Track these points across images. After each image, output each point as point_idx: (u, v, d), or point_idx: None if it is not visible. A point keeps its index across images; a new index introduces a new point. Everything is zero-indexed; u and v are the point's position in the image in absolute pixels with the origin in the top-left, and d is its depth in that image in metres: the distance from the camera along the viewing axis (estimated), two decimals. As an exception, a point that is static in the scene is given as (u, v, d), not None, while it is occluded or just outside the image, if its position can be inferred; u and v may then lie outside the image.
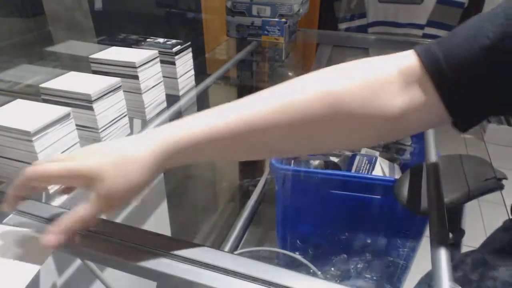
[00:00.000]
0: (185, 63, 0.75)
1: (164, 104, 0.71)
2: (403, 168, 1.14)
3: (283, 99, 0.37)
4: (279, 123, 0.36)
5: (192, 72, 0.78)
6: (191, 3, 1.20)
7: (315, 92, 0.36)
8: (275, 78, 1.41)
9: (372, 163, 1.09)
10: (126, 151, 0.37)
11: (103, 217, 0.39)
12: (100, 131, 0.56)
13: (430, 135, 0.66)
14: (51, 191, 0.48)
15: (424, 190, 0.54)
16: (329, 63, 0.59)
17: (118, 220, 0.77)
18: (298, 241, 1.03)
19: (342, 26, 1.91)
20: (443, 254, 0.42)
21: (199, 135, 0.37)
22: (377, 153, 1.16)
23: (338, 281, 0.97)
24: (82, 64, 0.66)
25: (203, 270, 0.37)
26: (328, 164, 1.14)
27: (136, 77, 0.63)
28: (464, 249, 0.62)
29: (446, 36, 0.35)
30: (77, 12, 0.77)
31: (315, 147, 0.43)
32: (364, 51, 1.93)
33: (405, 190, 0.65)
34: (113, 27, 0.85)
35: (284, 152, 0.41)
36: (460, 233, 0.69)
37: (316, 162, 1.15)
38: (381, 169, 1.08)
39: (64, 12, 0.75)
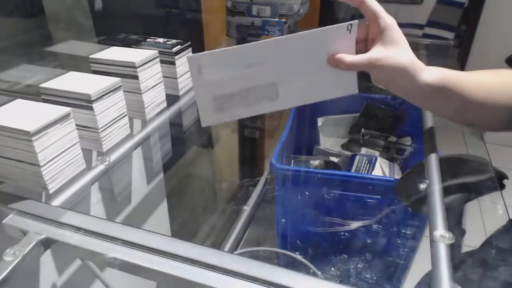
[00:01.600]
0: (185, 63, 0.75)
1: (164, 104, 0.71)
2: (403, 168, 1.14)
3: None
4: None
5: (192, 72, 0.78)
6: (191, 3, 1.20)
7: None
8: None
9: (372, 163, 1.09)
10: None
11: (103, 217, 0.39)
12: (100, 131, 0.56)
13: (430, 135, 0.66)
14: (51, 191, 0.49)
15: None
16: (329, 63, 0.59)
17: (118, 220, 0.77)
18: (298, 241, 1.03)
19: (342, 26, 1.91)
20: (443, 254, 0.42)
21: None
22: (377, 153, 1.16)
23: (338, 281, 0.97)
24: (82, 64, 0.66)
25: (203, 270, 0.37)
26: (328, 164, 1.14)
27: (136, 77, 0.63)
28: (464, 249, 0.62)
29: None
30: (77, 12, 0.77)
31: None
32: (364, 51, 1.93)
33: (407, 189, 0.65)
34: (113, 27, 0.85)
35: None
36: (461, 232, 0.69)
37: (316, 162, 1.15)
38: (381, 169, 1.08)
39: (64, 12, 0.75)
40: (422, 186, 0.57)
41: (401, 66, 0.47)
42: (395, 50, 0.47)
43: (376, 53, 0.47)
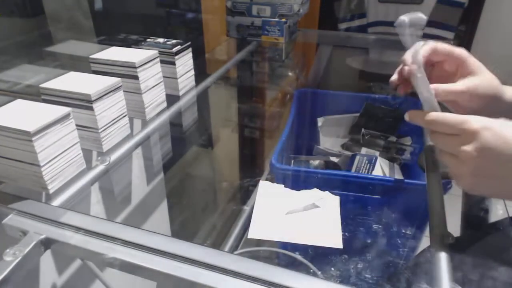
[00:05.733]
0: (185, 63, 0.75)
1: (164, 104, 0.71)
2: (403, 168, 1.14)
3: None
4: None
5: (192, 72, 0.78)
6: (191, 3, 1.20)
7: None
8: (275, 78, 1.41)
9: (372, 163, 1.09)
10: None
11: (103, 217, 0.39)
12: (100, 131, 0.56)
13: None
14: (51, 191, 0.49)
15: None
16: (329, 63, 0.60)
17: (118, 220, 0.77)
18: (298, 241, 1.02)
19: (342, 26, 1.91)
20: (443, 254, 0.42)
21: None
22: (377, 153, 1.16)
23: (338, 281, 0.96)
24: (82, 64, 0.66)
25: (203, 270, 0.37)
26: (328, 164, 1.14)
27: (136, 77, 0.63)
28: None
29: None
30: (77, 12, 0.77)
31: None
32: (364, 51, 1.93)
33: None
34: (113, 27, 0.85)
35: None
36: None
37: (316, 162, 1.15)
38: (381, 169, 1.08)
39: (64, 12, 0.75)
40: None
41: (492, 93, 0.49)
42: (482, 77, 0.49)
43: (469, 82, 0.49)
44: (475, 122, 0.41)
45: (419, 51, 0.50)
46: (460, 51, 0.50)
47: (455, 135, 0.43)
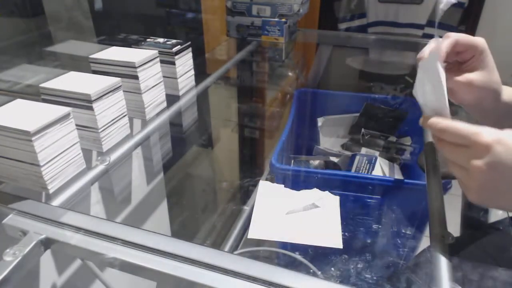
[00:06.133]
0: (185, 63, 0.75)
1: (164, 104, 0.71)
2: (403, 168, 1.14)
3: None
4: None
5: (192, 72, 0.78)
6: (191, 3, 1.20)
7: None
8: (275, 78, 1.41)
9: (372, 163, 1.09)
10: None
11: (103, 217, 0.39)
12: (100, 131, 0.56)
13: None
14: (51, 191, 0.49)
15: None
16: (329, 63, 0.60)
17: (118, 220, 0.77)
18: (298, 241, 1.02)
19: (342, 26, 1.91)
20: (443, 254, 0.42)
21: None
22: (377, 153, 1.16)
23: (338, 281, 0.96)
24: (82, 64, 0.66)
25: (203, 270, 0.37)
26: (328, 164, 1.14)
27: (136, 77, 0.63)
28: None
29: None
30: (77, 12, 0.77)
31: None
32: (364, 51, 1.93)
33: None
34: (113, 27, 0.85)
35: None
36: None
37: (316, 162, 1.15)
38: (381, 169, 1.08)
39: (64, 12, 0.75)
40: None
41: (493, 88, 0.50)
42: (490, 73, 0.50)
43: (475, 74, 0.50)
44: (487, 135, 0.40)
45: (441, 46, 0.50)
46: (479, 44, 0.51)
47: (465, 146, 0.42)
